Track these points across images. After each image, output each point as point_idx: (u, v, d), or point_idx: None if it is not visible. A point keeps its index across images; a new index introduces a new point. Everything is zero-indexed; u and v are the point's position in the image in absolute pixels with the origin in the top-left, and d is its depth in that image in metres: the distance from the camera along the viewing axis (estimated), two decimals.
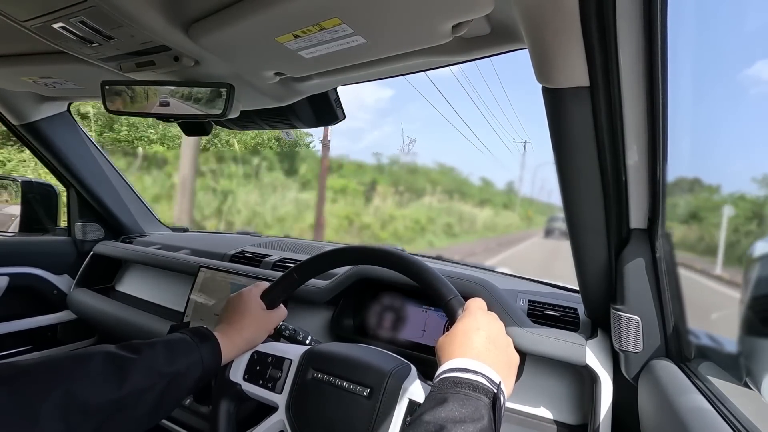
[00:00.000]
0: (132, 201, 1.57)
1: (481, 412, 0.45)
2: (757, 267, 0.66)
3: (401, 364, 0.65)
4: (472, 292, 0.83)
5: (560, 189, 0.60)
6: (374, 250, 0.69)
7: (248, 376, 0.70)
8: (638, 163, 0.55)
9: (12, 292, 1.33)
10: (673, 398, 0.54)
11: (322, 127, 1.05)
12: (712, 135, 1.06)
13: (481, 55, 0.62)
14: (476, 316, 0.57)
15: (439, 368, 0.52)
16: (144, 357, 0.57)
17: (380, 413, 0.59)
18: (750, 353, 0.63)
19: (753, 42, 3.27)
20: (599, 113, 0.50)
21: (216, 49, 0.61)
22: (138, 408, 0.55)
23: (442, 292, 0.61)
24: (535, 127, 53.05)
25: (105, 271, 1.49)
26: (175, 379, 0.59)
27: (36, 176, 1.37)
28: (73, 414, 0.49)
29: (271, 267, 1.15)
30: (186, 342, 0.63)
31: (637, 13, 0.43)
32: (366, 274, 0.96)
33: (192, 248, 1.36)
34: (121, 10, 0.53)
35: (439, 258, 1.36)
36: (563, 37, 0.44)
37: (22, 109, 1.21)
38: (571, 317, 0.83)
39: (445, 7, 0.47)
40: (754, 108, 4.46)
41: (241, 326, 0.70)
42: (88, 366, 0.53)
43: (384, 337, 0.96)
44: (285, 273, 0.75)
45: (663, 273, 0.63)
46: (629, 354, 0.67)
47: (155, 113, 0.70)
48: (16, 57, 0.83)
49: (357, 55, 0.59)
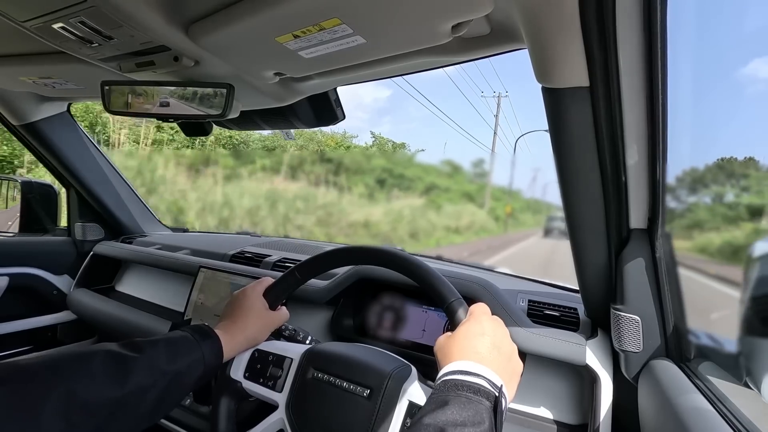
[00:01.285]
0: (132, 201, 1.57)
1: (482, 415, 0.45)
2: (757, 267, 0.66)
3: (401, 365, 0.65)
4: (472, 292, 0.84)
5: (560, 189, 0.60)
6: (375, 251, 0.69)
7: (249, 374, 0.70)
8: (638, 163, 0.55)
9: (12, 292, 1.33)
10: (673, 398, 0.54)
11: (322, 127, 1.05)
12: (712, 135, 1.07)
13: (481, 55, 0.62)
14: (481, 321, 0.56)
15: (441, 371, 0.52)
16: (145, 355, 0.57)
17: (380, 414, 0.59)
18: (750, 353, 0.63)
19: (753, 42, 3.24)
20: (599, 113, 0.50)
21: (216, 49, 0.61)
22: (140, 406, 0.55)
23: (444, 294, 0.61)
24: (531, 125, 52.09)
25: (105, 271, 1.49)
26: (176, 378, 0.59)
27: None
28: (75, 412, 0.49)
29: (271, 267, 1.15)
30: (188, 339, 0.63)
31: (637, 13, 0.43)
32: (366, 274, 0.96)
33: (192, 248, 1.36)
34: (121, 10, 0.53)
35: (438, 258, 1.36)
36: (563, 37, 0.44)
37: (22, 109, 1.21)
38: (571, 317, 0.83)
39: (445, 7, 0.47)
40: (754, 106, 4.44)
41: (245, 324, 0.70)
42: (89, 364, 0.53)
43: (384, 337, 0.96)
44: (287, 272, 0.75)
45: (663, 273, 0.63)
46: (629, 354, 0.67)
47: (155, 113, 0.70)
48: (16, 57, 0.83)
49: (357, 55, 0.59)
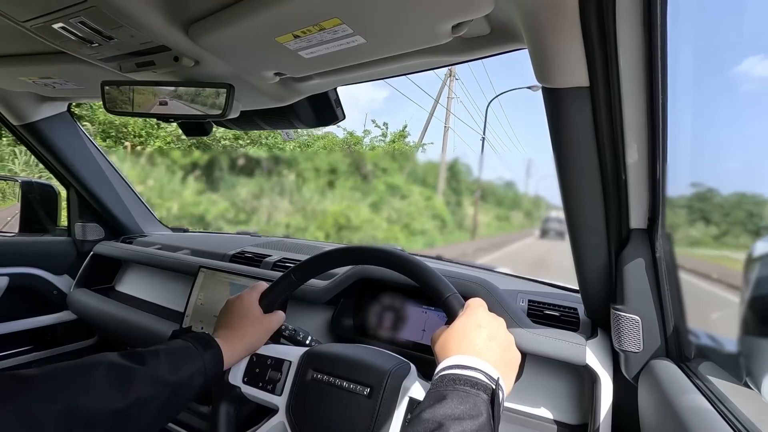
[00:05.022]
0: (132, 201, 1.57)
1: (479, 408, 0.45)
2: (757, 267, 0.66)
3: (401, 363, 0.65)
4: (472, 292, 0.84)
5: (560, 189, 0.60)
6: (373, 250, 0.69)
7: (248, 378, 0.69)
8: (638, 163, 0.55)
9: (12, 292, 1.32)
10: (673, 398, 0.54)
11: (322, 127, 1.05)
12: (712, 135, 1.07)
13: (481, 55, 0.62)
14: (477, 314, 0.57)
15: (438, 365, 0.52)
16: (147, 366, 0.57)
17: (381, 412, 0.59)
18: (750, 353, 0.63)
19: (752, 40, 3.27)
20: (599, 113, 0.50)
21: (216, 49, 0.61)
22: (141, 418, 0.55)
23: (441, 289, 0.61)
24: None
25: (105, 271, 1.49)
26: (178, 388, 0.59)
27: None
28: (77, 425, 0.49)
29: (271, 267, 1.15)
30: (189, 350, 0.62)
31: (637, 13, 0.43)
32: (366, 274, 0.96)
33: (192, 248, 1.36)
34: (121, 10, 0.53)
35: (438, 258, 1.37)
36: (563, 37, 0.44)
37: (22, 109, 1.21)
38: (571, 317, 0.83)
39: (445, 7, 0.47)
40: (753, 105, 4.46)
41: (244, 332, 0.70)
42: (91, 377, 0.53)
43: (384, 337, 0.96)
44: (282, 275, 0.75)
45: (663, 273, 0.63)
46: (629, 354, 0.67)
47: (155, 113, 0.70)
48: (16, 57, 0.83)
49: (357, 55, 0.59)
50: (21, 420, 0.45)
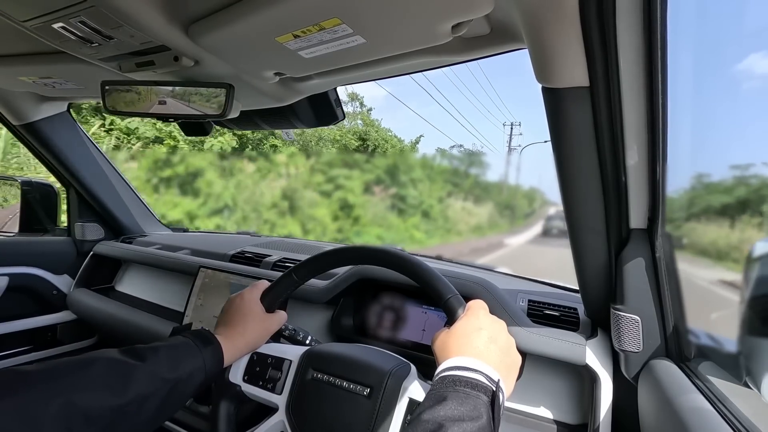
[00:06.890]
0: (132, 201, 1.57)
1: (479, 410, 0.45)
2: (757, 267, 0.66)
3: (401, 364, 0.65)
4: (472, 292, 0.84)
5: (560, 189, 0.60)
6: (373, 250, 0.69)
7: (248, 377, 0.69)
8: (638, 163, 0.55)
9: (12, 292, 1.32)
10: (673, 398, 0.54)
11: (322, 127, 1.05)
12: (712, 135, 1.06)
13: (481, 55, 0.62)
14: (478, 316, 0.57)
15: (439, 366, 0.52)
16: (147, 363, 0.57)
17: (380, 412, 0.59)
18: (750, 353, 0.63)
19: (752, 38, 3.25)
20: (599, 113, 0.50)
21: (216, 49, 0.61)
22: (140, 414, 0.55)
23: (441, 290, 0.61)
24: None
25: (105, 271, 1.49)
26: (177, 385, 0.58)
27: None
28: (76, 421, 0.48)
29: (271, 267, 1.15)
30: (189, 346, 0.62)
31: (637, 12, 0.43)
32: (366, 274, 0.96)
33: (192, 248, 1.36)
34: (121, 10, 0.53)
35: (438, 258, 1.37)
36: (563, 37, 0.44)
37: (22, 109, 1.21)
38: (571, 317, 0.83)
39: (445, 7, 0.47)
40: (752, 103, 4.41)
41: (244, 329, 0.70)
42: (90, 373, 0.53)
43: (384, 337, 0.96)
44: (284, 274, 0.75)
45: (663, 273, 0.63)
46: (629, 354, 0.67)
47: (155, 113, 0.70)
48: (16, 57, 0.83)
49: (357, 55, 0.59)
50: (20, 415, 0.45)
